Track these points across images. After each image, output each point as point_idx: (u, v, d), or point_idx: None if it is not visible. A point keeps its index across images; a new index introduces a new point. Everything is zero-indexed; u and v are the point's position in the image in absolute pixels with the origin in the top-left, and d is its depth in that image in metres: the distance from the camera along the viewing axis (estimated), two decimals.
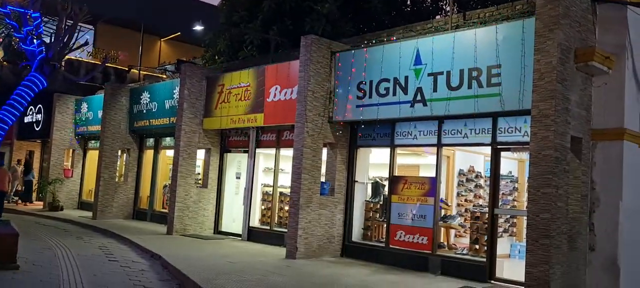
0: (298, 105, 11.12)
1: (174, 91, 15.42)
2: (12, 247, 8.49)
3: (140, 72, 25.80)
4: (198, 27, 18.66)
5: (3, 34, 28.48)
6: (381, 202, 11.48)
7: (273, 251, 11.65)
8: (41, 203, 20.00)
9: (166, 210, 15.44)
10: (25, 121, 22.80)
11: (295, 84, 11.60)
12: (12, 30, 22.64)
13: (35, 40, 10.38)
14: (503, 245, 10.43)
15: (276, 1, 16.24)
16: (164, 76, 21.85)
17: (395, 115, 10.23)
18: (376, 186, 11.69)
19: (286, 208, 12.63)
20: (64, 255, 10.26)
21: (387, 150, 10.98)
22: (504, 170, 10.29)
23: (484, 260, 9.19)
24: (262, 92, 12.85)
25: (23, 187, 21.42)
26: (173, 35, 30.31)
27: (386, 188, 11.25)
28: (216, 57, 18.58)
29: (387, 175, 11.11)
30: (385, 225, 10.87)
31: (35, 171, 22.61)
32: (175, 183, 14.03)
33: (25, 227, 13.66)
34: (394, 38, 10.83)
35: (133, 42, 28.98)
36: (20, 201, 21.12)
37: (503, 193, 10.43)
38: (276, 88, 12.52)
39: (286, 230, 11.41)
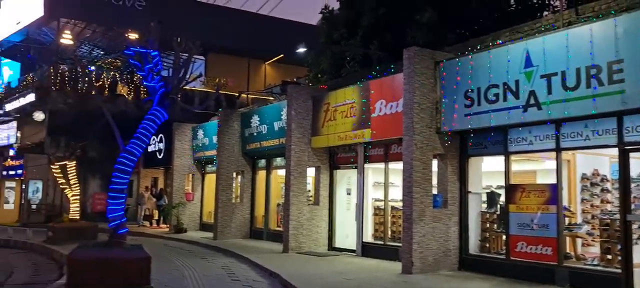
0: (405, 118, 11.05)
1: (282, 112, 15.92)
2: (146, 269, 9.13)
3: (249, 96, 26.96)
4: (301, 49, 19.15)
5: (126, 72, 31.05)
6: (498, 212, 11.05)
7: (388, 266, 11.60)
8: (167, 226, 21.41)
9: (281, 229, 15.93)
10: (149, 150, 24.61)
11: (400, 96, 11.54)
12: (135, 69, 24.66)
13: (155, 77, 11.15)
14: (639, 254, 9.62)
15: (375, 16, 16.33)
16: (271, 98, 22.67)
17: (507, 122, 9.85)
18: (491, 196, 11.28)
19: (399, 222, 12.54)
20: (191, 275, 10.90)
21: (500, 158, 10.57)
22: (633, 172, 9.52)
23: (619, 271, 8.52)
24: (367, 108, 12.92)
25: (151, 212, 23.14)
26: (276, 58, 31.39)
27: (502, 198, 10.81)
28: (319, 76, 18.99)
29: (501, 184, 10.69)
30: (504, 236, 10.44)
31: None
32: (288, 202, 14.45)
33: (154, 249, 14.67)
34: (501, 41, 10.46)
35: (240, 68, 30.41)
36: (149, 224, 22.78)
37: (635, 197, 9.63)
38: (381, 102, 12.53)
39: (400, 245, 11.32)
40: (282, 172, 16.55)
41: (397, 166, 12.56)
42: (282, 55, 30.46)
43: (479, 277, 10.22)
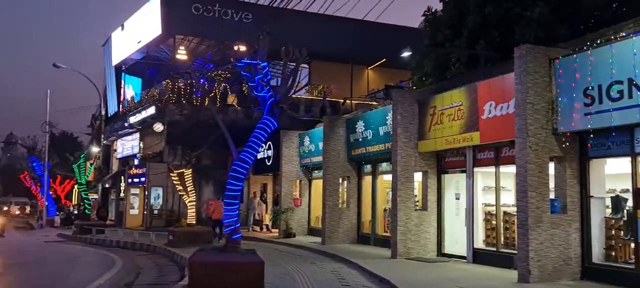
0: (517, 120, 10.59)
1: (387, 117, 15.87)
2: (260, 273, 9.49)
3: (352, 102, 27.17)
4: (405, 53, 19.00)
5: (236, 83, 32.48)
6: (624, 218, 10.24)
7: (502, 274, 11.15)
8: (277, 231, 22.09)
9: (388, 234, 15.87)
10: (259, 157, 25.54)
11: (511, 97, 11.08)
12: (245, 80, 25.71)
13: (265, 87, 11.56)
14: None
15: (481, 15, 15.81)
16: (375, 103, 22.68)
17: (634, 121, 9.11)
18: (617, 200, 10.47)
19: (512, 228, 12.02)
20: (302, 280, 11.16)
21: (626, 160, 9.80)
22: None
23: None
24: (475, 110, 12.54)
25: (261, 217, 24.03)
26: (379, 63, 31.38)
27: (629, 202, 10.01)
28: (423, 79, 18.71)
29: (627, 188, 9.90)
30: (632, 245, 9.66)
31: (269, 202, 25.13)
32: (395, 207, 14.36)
33: (265, 253, 15.10)
34: (624, 34, 9.71)
35: (343, 74, 30.74)
36: (259, 229, 23.65)
37: None
38: (490, 104, 12.11)
39: (515, 252, 10.84)
40: (388, 177, 16.48)
41: (508, 170, 12.06)
42: (384, 59, 30.39)
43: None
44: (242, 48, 29.83)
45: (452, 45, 17.05)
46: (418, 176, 14.90)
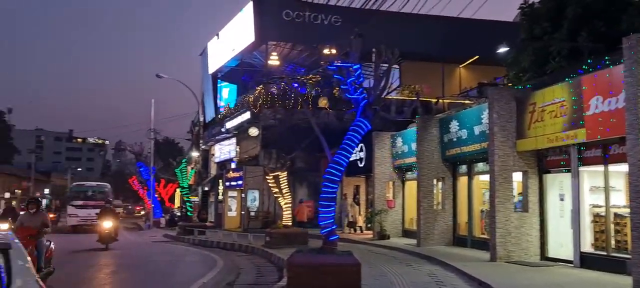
0: (627, 115, 9.89)
1: (482, 116, 15.40)
2: (357, 275, 9.54)
3: (444, 101, 26.61)
4: (500, 49, 18.35)
5: (327, 86, 32.87)
6: None
7: (613, 280, 10.47)
8: (371, 232, 22.09)
9: (485, 236, 15.37)
10: (351, 159, 25.62)
11: (620, 91, 10.37)
12: (336, 82, 25.91)
13: (358, 89, 11.62)
14: None
15: (582, 4, 14.95)
16: (468, 102, 22.08)
17: None
18: None
19: (624, 231, 11.23)
20: (398, 282, 11.08)
21: None
22: None
23: None
24: (579, 106, 11.86)
25: (354, 218, 24.15)
26: (471, 60, 30.51)
27: None
28: (520, 75, 17.97)
29: None
30: None
31: (362, 204, 25.20)
32: (493, 208, 13.89)
33: (360, 255, 15.14)
34: None
35: (434, 73, 30.19)
36: (353, 231, 23.78)
37: None
38: (597, 99, 11.39)
39: (628, 256, 10.13)
40: (484, 178, 15.98)
41: (618, 168, 11.30)
42: (477, 56, 29.52)
43: None
44: (333, 51, 30.24)
45: (551, 38, 16.25)
46: (517, 176, 14.30)
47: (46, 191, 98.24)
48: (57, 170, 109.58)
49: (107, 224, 20.54)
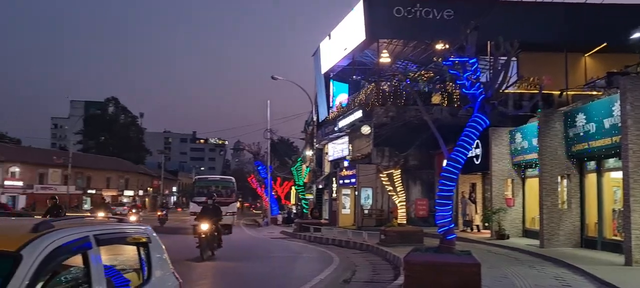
0: None
1: (613, 108, 14.23)
2: (477, 276, 9.23)
3: (568, 93, 24.96)
4: (634, 35, 16.87)
5: (438, 81, 32.24)
6: None
7: None
8: (488, 232, 21.29)
9: (619, 238, 14.19)
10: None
11: None
12: (450, 77, 25.30)
13: (475, 84, 11.24)
14: None
15: None
16: (596, 93, 20.54)
17: None
18: None
19: None
20: (522, 285, 10.57)
21: None
22: None
23: None
24: None
25: (471, 217, 23.41)
26: (598, 48, 28.34)
27: None
28: None
29: None
30: None
31: (478, 203, 24.36)
32: (627, 208, 12.79)
33: (478, 255, 14.68)
34: None
35: (555, 64, 28.39)
36: (469, 230, 23.06)
37: None
38: None
39: None
40: (616, 175, 14.76)
41: None
42: (605, 44, 27.38)
43: None
44: (446, 46, 29.55)
45: None
46: None
47: (174, 189, 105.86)
48: (183, 169, 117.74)
49: (204, 227, 16.26)
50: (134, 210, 38.28)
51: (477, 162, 23.72)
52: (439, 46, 29.09)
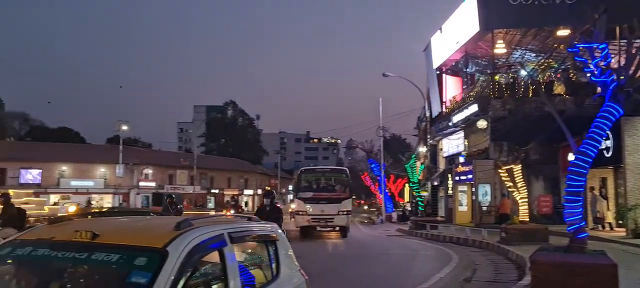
0: None
1: None
2: (613, 278, 8.56)
3: None
4: None
5: (560, 69, 30.33)
6: None
7: None
8: (622, 230, 19.68)
9: None
10: None
11: None
12: (572, 65, 23.67)
13: (605, 71, 10.43)
14: None
15: None
16: None
17: None
18: None
19: None
20: None
21: None
22: None
23: None
24: None
25: (602, 214, 21.78)
26: None
27: None
28: None
29: None
30: None
31: (610, 198, 22.59)
32: None
33: (613, 255, 13.60)
34: None
35: None
36: (601, 228, 21.46)
37: None
38: None
39: None
40: None
41: None
42: None
43: None
44: (566, 32, 27.72)
45: None
46: None
47: (290, 187, 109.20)
48: (298, 168, 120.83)
49: None
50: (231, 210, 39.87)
51: (607, 155, 22.00)
52: (561, 32, 27.40)
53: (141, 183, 62.38)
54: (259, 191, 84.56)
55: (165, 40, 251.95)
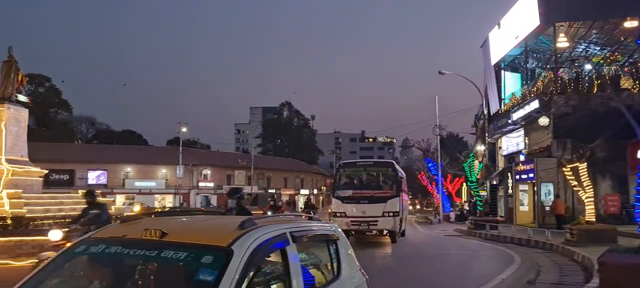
0: None
1: None
2: None
3: None
4: None
5: (627, 63, 28.96)
6: None
7: None
8: None
9: None
10: None
11: None
12: None
13: None
14: None
15: None
16: None
17: None
18: None
19: None
20: None
21: None
22: None
23: None
24: None
25: None
26: None
27: None
28: None
29: None
30: None
31: None
32: None
33: None
34: None
35: None
36: None
37: None
38: None
39: None
40: None
41: None
42: None
43: None
44: (634, 23, 26.43)
45: None
46: None
47: None
48: None
49: None
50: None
51: None
52: (629, 24, 26.18)
53: (200, 184, 63.98)
54: (315, 190, 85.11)
55: (220, 44, 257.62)
